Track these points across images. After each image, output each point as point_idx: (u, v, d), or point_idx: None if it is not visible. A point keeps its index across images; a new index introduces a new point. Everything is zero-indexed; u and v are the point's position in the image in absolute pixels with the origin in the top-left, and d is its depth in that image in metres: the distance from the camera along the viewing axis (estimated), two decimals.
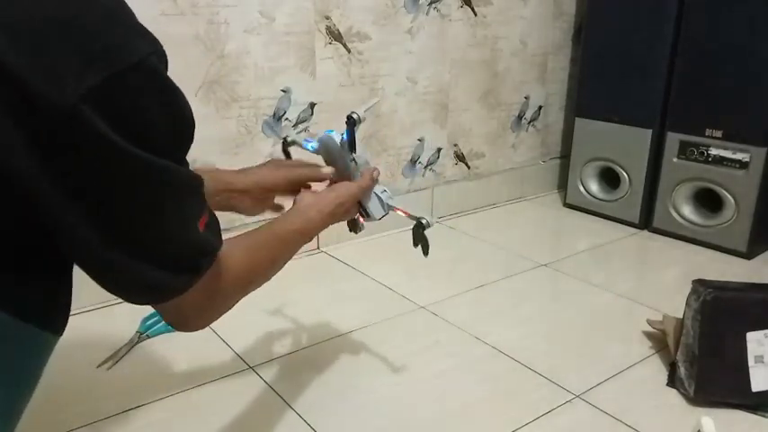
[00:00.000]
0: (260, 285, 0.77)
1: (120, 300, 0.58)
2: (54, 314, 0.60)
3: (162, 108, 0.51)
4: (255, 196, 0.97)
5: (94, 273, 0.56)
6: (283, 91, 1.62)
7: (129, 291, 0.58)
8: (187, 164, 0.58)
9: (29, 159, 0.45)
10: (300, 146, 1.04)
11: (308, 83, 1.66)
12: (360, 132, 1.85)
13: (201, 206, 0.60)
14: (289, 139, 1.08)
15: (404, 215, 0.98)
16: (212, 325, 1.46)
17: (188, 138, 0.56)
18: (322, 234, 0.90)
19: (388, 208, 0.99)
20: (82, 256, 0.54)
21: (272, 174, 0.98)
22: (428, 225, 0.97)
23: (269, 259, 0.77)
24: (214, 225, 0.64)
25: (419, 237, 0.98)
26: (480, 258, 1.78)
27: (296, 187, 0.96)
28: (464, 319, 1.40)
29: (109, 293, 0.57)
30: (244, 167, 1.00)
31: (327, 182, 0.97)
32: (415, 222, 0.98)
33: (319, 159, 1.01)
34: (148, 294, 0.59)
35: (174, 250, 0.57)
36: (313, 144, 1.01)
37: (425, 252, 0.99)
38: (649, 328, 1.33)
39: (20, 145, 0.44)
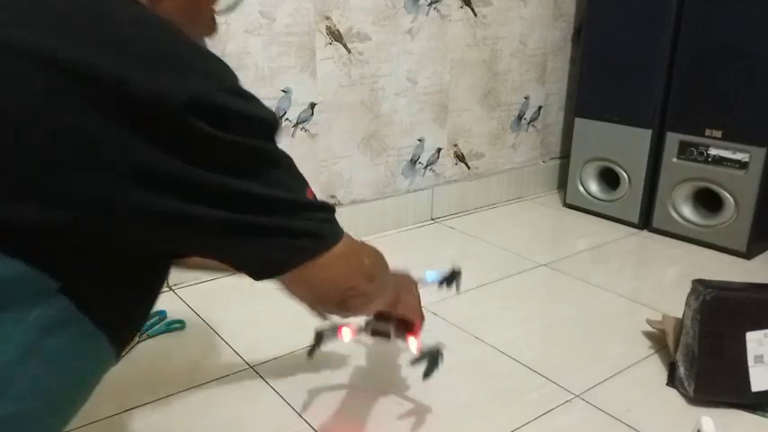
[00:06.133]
0: (376, 285, 0.75)
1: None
2: (125, 333, 0.61)
3: (250, 106, 0.56)
4: None
5: (236, 250, 0.60)
6: (284, 91, 1.62)
7: (284, 249, 0.61)
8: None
9: (166, 161, 0.51)
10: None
11: (308, 83, 1.66)
12: (360, 133, 1.85)
13: (303, 179, 0.64)
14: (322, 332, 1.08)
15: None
16: (212, 324, 1.46)
17: (277, 126, 0.60)
18: None
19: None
20: (219, 239, 0.57)
21: None
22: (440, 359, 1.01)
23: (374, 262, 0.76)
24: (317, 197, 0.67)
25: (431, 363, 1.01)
26: (480, 258, 1.78)
27: None
28: (464, 319, 1.40)
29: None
30: None
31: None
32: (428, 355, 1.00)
33: None
34: (308, 240, 0.62)
35: (304, 207, 0.61)
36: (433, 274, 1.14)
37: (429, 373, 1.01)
38: (649, 328, 1.33)
39: (144, 145, 0.50)
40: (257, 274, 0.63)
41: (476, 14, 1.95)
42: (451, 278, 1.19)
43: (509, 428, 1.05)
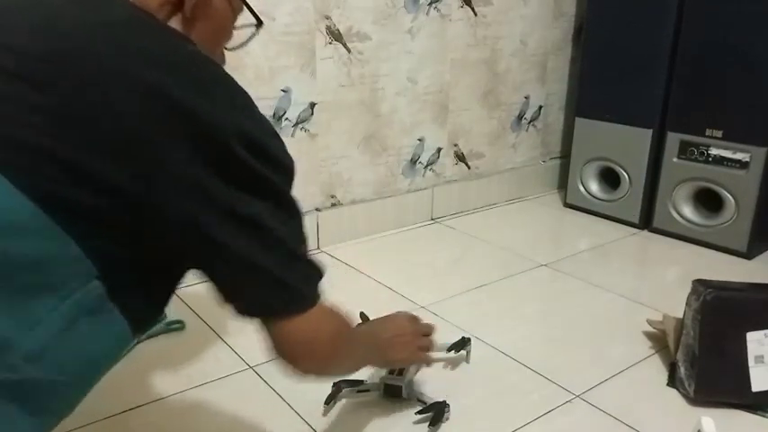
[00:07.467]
0: (340, 362, 0.82)
1: None
2: (143, 323, 0.69)
3: (280, 149, 0.68)
4: None
5: (231, 284, 0.67)
6: (283, 91, 1.62)
7: (269, 294, 0.67)
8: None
9: (200, 171, 0.61)
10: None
11: (308, 83, 1.66)
12: (360, 133, 1.85)
13: (306, 236, 0.71)
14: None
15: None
16: (212, 324, 1.46)
17: (294, 173, 0.70)
18: (322, 234, 0.90)
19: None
20: (224, 265, 0.65)
21: None
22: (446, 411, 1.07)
23: (346, 339, 0.81)
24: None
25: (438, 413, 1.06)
26: (480, 258, 1.78)
27: None
28: (464, 319, 1.40)
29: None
30: None
31: None
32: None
33: None
34: (287, 294, 0.68)
35: (303, 262, 0.70)
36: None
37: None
38: (649, 328, 1.33)
39: (195, 161, 0.60)
40: (244, 311, 0.68)
41: (476, 14, 1.95)
42: (461, 345, 1.22)
43: (509, 428, 1.05)
